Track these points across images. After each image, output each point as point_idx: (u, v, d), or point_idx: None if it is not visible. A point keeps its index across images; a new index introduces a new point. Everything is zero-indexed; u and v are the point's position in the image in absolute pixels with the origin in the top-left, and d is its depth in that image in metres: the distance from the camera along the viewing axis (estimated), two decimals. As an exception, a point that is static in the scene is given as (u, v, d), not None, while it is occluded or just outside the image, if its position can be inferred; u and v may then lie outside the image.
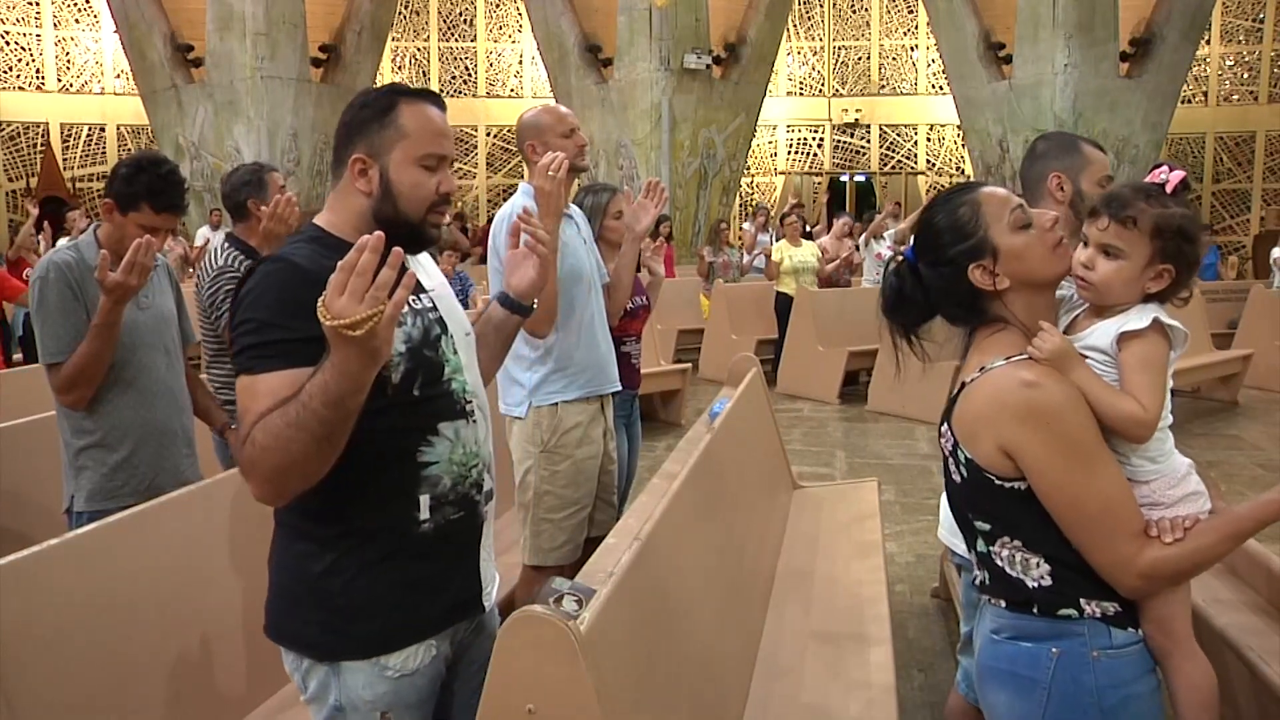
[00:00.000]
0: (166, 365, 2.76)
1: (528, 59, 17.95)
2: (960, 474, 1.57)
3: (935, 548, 4.43)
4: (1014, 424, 1.47)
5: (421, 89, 1.66)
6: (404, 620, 1.56)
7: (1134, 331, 1.54)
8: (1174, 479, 1.55)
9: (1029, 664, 1.53)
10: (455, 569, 1.63)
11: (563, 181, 2.75)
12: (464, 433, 1.61)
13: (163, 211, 2.62)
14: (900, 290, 1.62)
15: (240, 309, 1.49)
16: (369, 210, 1.59)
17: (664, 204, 3.32)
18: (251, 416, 1.41)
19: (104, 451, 2.65)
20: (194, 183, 13.56)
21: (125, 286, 2.45)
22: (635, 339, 3.56)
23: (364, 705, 1.55)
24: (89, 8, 16.66)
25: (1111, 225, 1.56)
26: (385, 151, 1.58)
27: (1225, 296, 9.94)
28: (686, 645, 2.10)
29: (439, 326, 1.61)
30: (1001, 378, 1.50)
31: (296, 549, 1.57)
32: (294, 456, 1.38)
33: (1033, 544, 1.52)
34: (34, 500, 3.25)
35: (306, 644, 1.56)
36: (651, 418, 7.45)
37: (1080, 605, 1.51)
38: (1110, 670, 1.50)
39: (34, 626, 1.91)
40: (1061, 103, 12.18)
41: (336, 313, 1.29)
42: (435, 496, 1.57)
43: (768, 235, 10.99)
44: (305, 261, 1.50)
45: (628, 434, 3.54)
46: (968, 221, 1.55)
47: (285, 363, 1.42)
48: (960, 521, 1.64)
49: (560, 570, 2.94)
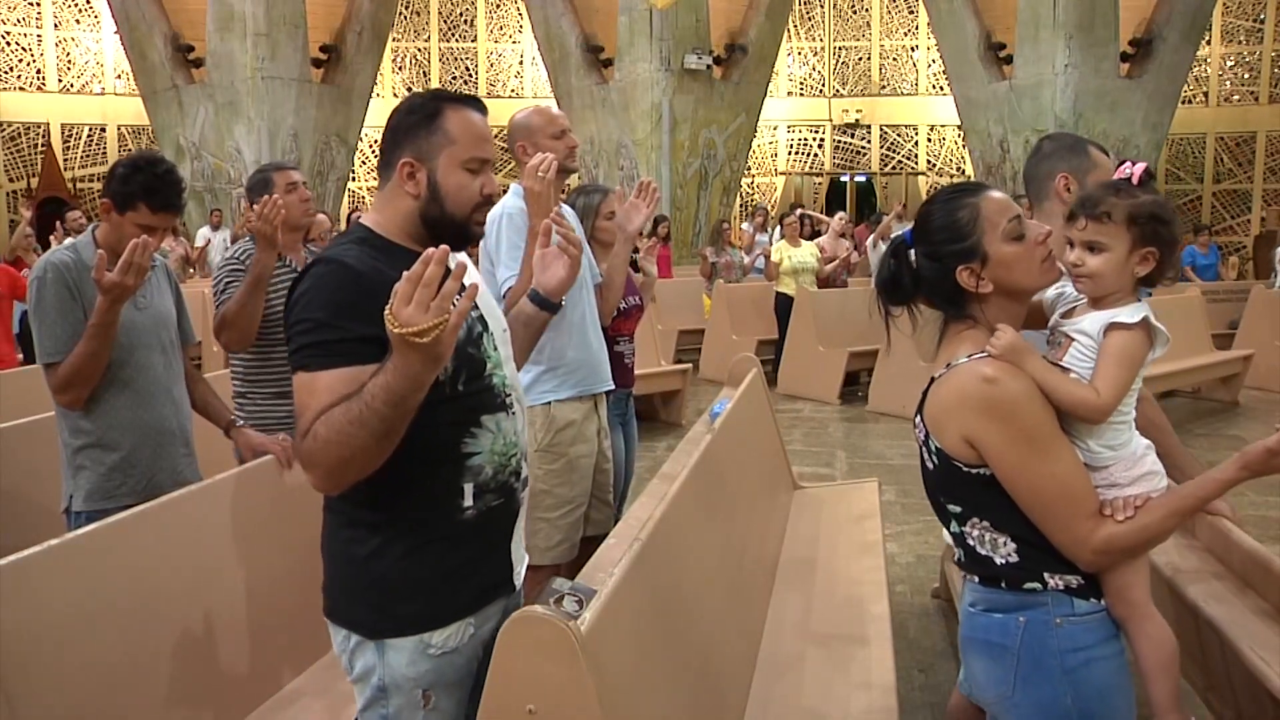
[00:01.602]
0: (164, 365, 2.76)
1: (528, 59, 17.96)
2: (932, 462, 1.72)
3: (936, 548, 4.43)
4: (975, 416, 1.61)
5: (465, 95, 1.73)
6: (446, 600, 1.63)
7: (1122, 324, 1.65)
8: (1130, 461, 1.67)
9: (1000, 633, 1.68)
10: (493, 551, 1.71)
11: (552, 182, 2.75)
12: (504, 424, 1.69)
13: (160, 211, 2.62)
14: (895, 270, 1.73)
15: (295, 309, 1.57)
16: (416, 211, 1.67)
17: (656, 204, 3.33)
18: (312, 412, 1.49)
19: (101, 451, 2.64)
20: (194, 183, 13.56)
21: (122, 287, 2.44)
22: (628, 339, 3.57)
23: (407, 683, 1.61)
24: (89, 8, 16.67)
25: (1089, 223, 1.68)
26: (432, 156, 1.65)
27: (1226, 297, 9.94)
28: (687, 645, 2.10)
29: (480, 324, 1.68)
30: (964, 374, 1.64)
31: (345, 534, 1.64)
32: (355, 450, 1.46)
33: (999, 524, 1.66)
34: (34, 500, 3.25)
35: (356, 623, 1.63)
36: (652, 418, 7.45)
37: (1044, 579, 1.65)
38: (1072, 635, 1.64)
39: (34, 627, 1.91)
40: (1062, 103, 12.18)
41: (404, 321, 1.35)
42: (478, 485, 1.65)
43: (766, 235, 11.00)
44: (355, 262, 1.57)
45: (624, 433, 3.54)
46: (965, 224, 1.66)
47: (341, 361, 1.50)
48: (934, 505, 1.78)
49: (557, 569, 2.95)
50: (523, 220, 2.83)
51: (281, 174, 3.26)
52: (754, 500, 3.39)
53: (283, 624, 2.54)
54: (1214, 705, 2.54)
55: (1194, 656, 2.54)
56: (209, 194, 13.44)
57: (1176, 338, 1.76)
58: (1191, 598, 2.44)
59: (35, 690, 1.88)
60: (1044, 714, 1.66)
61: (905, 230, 1.75)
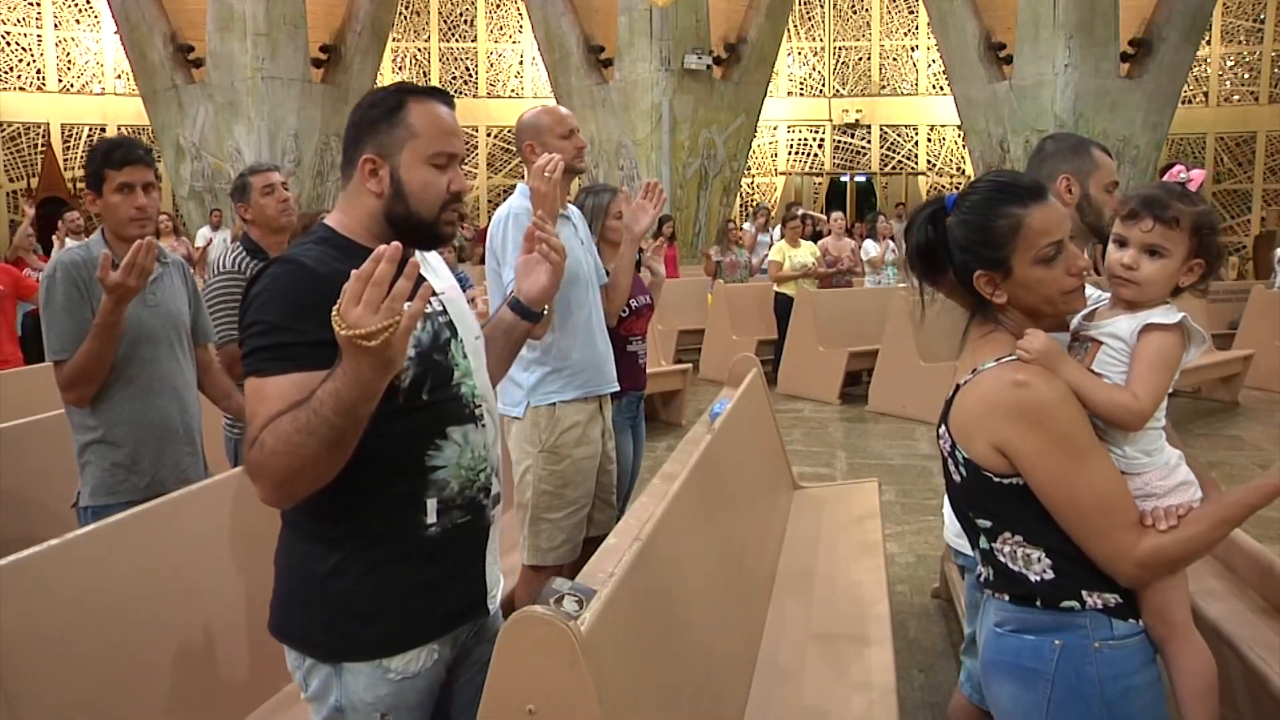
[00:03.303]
0: (172, 363, 2.76)
1: (528, 59, 17.95)
2: (960, 473, 1.60)
3: (936, 548, 4.42)
4: (1006, 423, 1.51)
5: (430, 87, 1.64)
6: (408, 623, 1.55)
7: (1158, 325, 1.57)
8: (1165, 470, 1.59)
9: (1032, 656, 1.56)
10: (461, 573, 1.62)
11: (559, 183, 2.75)
12: (473, 437, 1.60)
13: (125, 165, 2.62)
14: (930, 239, 1.62)
15: (249, 310, 1.48)
16: (380, 210, 1.58)
17: (662, 205, 3.33)
18: (260, 420, 1.40)
19: (106, 448, 2.66)
20: (194, 183, 13.58)
21: (125, 287, 2.46)
22: (640, 338, 3.56)
23: (364, 707, 1.54)
24: (89, 8, 16.67)
25: (1157, 226, 1.59)
26: (395, 151, 1.56)
27: (1226, 297, 9.93)
28: (687, 646, 2.10)
29: (449, 330, 1.60)
30: (993, 378, 1.54)
31: (302, 549, 1.57)
32: (303, 461, 1.37)
33: (1033, 538, 1.55)
34: (36, 500, 3.26)
35: (310, 644, 1.56)
36: (652, 418, 7.45)
37: (1082, 597, 1.54)
38: (1112, 661, 1.53)
39: (36, 626, 1.91)
40: (1062, 103, 12.18)
41: (351, 323, 1.27)
42: (443, 500, 1.56)
43: (768, 236, 10.99)
44: (314, 263, 1.48)
45: (633, 434, 3.54)
46: (1000, 234, 1.54)
47: (294, 366, 1.41)
48: (962, 520, 1.67)
49: (559, 570, 2.95)
50: (529, 220, 2.83)
51: (258, 176, 3.29)
52: (754, 500, 3.39)
53: (283, 624, 2.53)
54: (1214, 705, 2.53)
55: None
56: (209, 194, 13.44)
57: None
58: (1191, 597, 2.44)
59: (35, 690, 1.88)
60: None
61: (949, 197, 1.63)
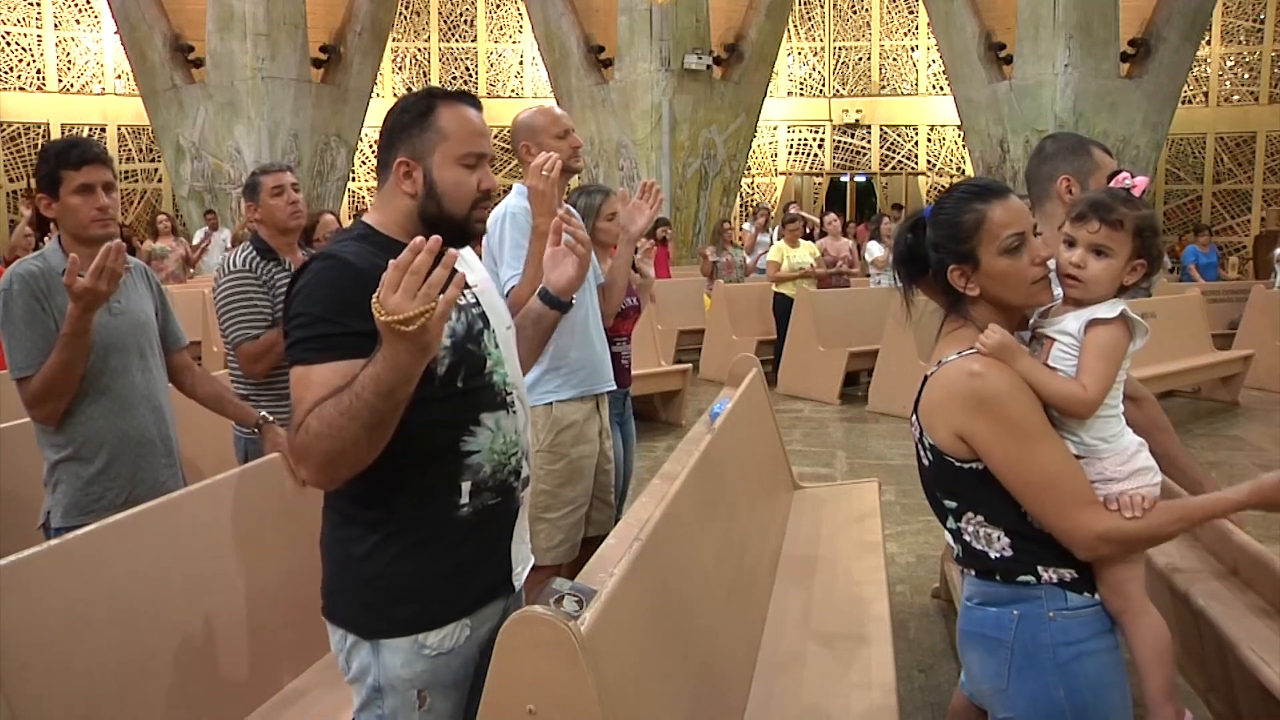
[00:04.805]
0: (143, 372, 2.63)
1: (528, 59, 17.96)
2: (927, 458, 1.76)
3: (936, 548, 4.42)
4: (964, 411, 1.66)
5: (459, 91, 1.73)
6: (442, 600, 1.63)
7: (1102, 320, 1.69)
8: (1124, 456, 1.71)
9: (995, 626, 1.72)
10: (491, 552, 1.70)
11: (556, 181, 2.75)
12: (504, 423, 1.69)
13: (84, 165, 2.48)
14: (911, 245, 1.77)
15: (293, 303, 1.57)
16: (415, 209, 1.67)
17: (659, 206, 3.32)
18: (305, 405, 1.48)
19: (79, 464, 2.53)
20: (194, 183, 13.58)
21: (94, 292, 2.31)
22: (626, 339, 3.57)
23: (401, 684, 1.61)
24: (89, 8, 16.67)
25: (1102, 228, 1.71)
26: (427, 153, 1.65)
27: (1226, 297, 9.94)
28: (687, 645, 2.10)
29: (482, 321, 1.68)
30: (953, 370, 1.69)
31: (342, 533, 1.64)
32: (345, 443, 1.45)
33: (993, 518, 1.70)
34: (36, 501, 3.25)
35: (351, 622, 1.64)
36: (652, 418, 7.46)
37: (1038, 572, 1.69)
38: (1065, 629, 1.67)
39: (35, 628, 1.91)
40: (1062, 103, 12.18)
41: (391, 309, 1.35)
42: (476, 483, 1.65)
43: (768, 236, 10.99)
44: (355, 259, 1.57)
45: (621, 432, 3.55)
46: (966, 229, 1.69)
47: (337, 355, 1.50)
48: (931, 501, 1.81)
49: (558, 569, 2.95)
50: (526, 219, 2.83)
51: (270, 177, 3.20)
52: (754, 500, 3.39)
53: (283, 624, 2.53)
54: (1214, 705, 2.54)
55: (1194, 656, 2.54)
56: (209, 194, 13.44)
57: (1177, 338, 1.79)
58: (1192, 597, 2.44)
59: (35, 691, 1.88)
60: (1037, 707, 1.69)
61: (927, 209, 1.79)
